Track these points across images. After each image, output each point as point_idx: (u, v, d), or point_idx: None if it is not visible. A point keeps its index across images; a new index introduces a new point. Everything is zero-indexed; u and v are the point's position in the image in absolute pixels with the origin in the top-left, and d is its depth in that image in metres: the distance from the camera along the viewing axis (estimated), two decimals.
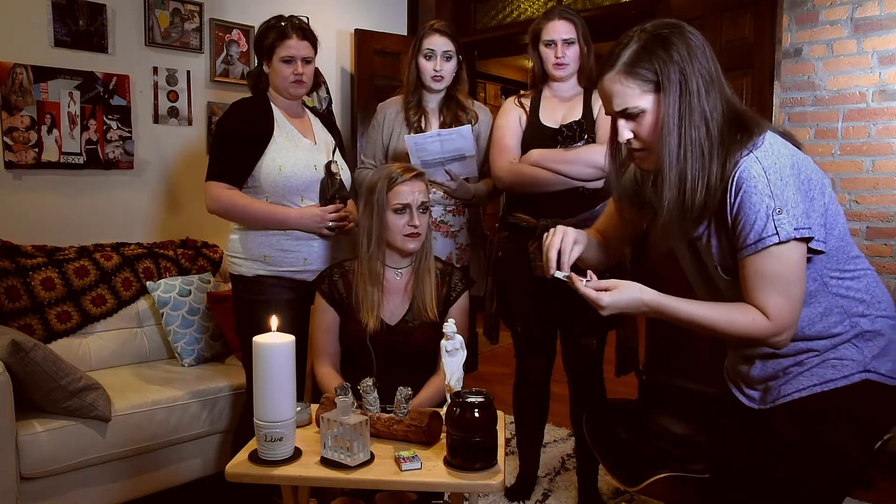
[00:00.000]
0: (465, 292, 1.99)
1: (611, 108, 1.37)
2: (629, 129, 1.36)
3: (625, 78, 1.32)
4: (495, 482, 1.36)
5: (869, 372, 1.34)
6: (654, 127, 1.33)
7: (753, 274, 1.28)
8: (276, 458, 1.40)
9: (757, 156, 1.27)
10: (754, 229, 1.26)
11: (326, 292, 1.96)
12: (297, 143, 2.20)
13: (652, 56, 1.30)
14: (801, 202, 1.26)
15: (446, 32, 2.38)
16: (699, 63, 1.30)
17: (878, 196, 2.94)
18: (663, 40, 1.30)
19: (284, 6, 3.20)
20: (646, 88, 1.32)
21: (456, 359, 1.55)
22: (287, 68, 2.16)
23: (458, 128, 2.31)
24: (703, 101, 1.30)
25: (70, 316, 2.64)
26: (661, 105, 1.31)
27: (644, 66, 1.31)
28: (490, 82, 7.54)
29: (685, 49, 1.30)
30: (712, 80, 1.31)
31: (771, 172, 1.25)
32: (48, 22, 2.87)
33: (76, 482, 2.22)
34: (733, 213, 1.29)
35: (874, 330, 1.36)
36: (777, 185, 1.25)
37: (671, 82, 1.29)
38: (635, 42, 1.33)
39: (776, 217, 1.24)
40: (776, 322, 1.28)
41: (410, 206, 1.87)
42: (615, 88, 1.34)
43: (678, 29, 1.32)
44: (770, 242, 1.25)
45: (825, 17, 3.02)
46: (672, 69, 1.29)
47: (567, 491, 2.64)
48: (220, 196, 2.13)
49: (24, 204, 2.84)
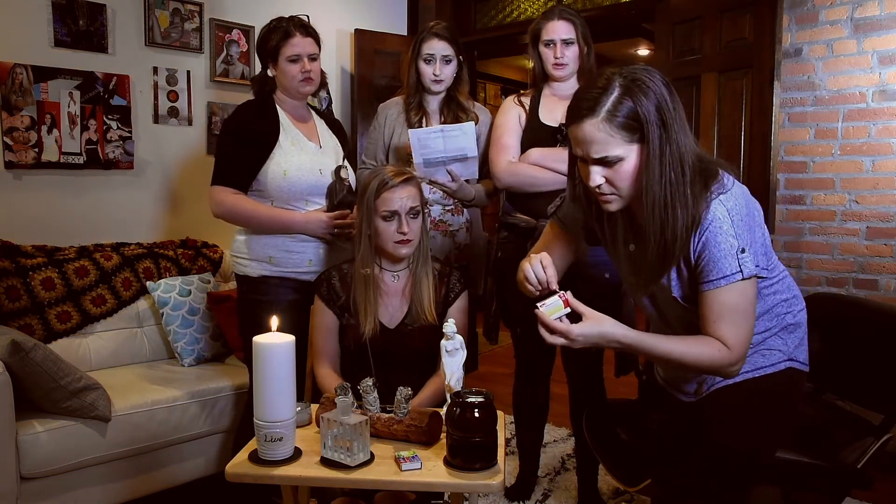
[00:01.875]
0: (463, 292, 1.99)
1: (587, 153, 1.35)
2: (602, 175, 1.35)
3: (608, 126, 1.30)
4: (495, 482, 1.36)
5: (792, 360, 1.52)
6: (632, 174, 1.33)
7: (717, 306, 1.36)
8: (276, 458, 1.40)
9: (721, 199, 1.33)
10: (718, 267, 1.33)
11: (325, 295, 1.95)
12: (303, 147, 2.20)
13: (636, 104, 1.29)
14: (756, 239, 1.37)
15: (445, 36, 2.38)
16: (674, 106, 1.31)
17: (878, 196, 2.94)
18: (643, 85, 1.29)
19: (284, 6, 3.19)
20: (629, 137, 1.31)
21: (456, 359, 1.55)
22: (294, 67, 2.16)
23: (461, 124, 2.31)
24: (682, 146, 1.31)
25: (70, 316, 2.64)
26: (641, 153, 1.31)
27: (628, 115, 1.29)
28: (490, 82, 7.54)
29: (660, 93, 1.30)
30: (683, 122, 1.33)
31: (734, 214, 1.33)
32: (48, 22, 2.87)
33: (76, 482, 2.22)
34: (696, 251, 1.35)
35: (795, 322, 1.53)
36: (740, 227, 1.33)
37: (654, 130, 1.29)
38: (616, 88, 1.30)
39: (740, 256, 1.33)
40: (735, 351, 1.38)
41: (399, 212, 1.84)
42: (597, 136, 1.31)
43: (651, 73, 1.32)
44: (735, 279, 1.34)
45: (825, 17, 3.03)
46: (654, 116, 1.29)
47: (567, 491, 2.64)
48: (226, 201, 2.13)
49: (24, 204, 2.84)
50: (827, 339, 1.89)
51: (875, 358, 1.86)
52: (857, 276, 3.00)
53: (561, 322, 1.38)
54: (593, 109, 1.30)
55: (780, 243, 3.18)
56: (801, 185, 3.14)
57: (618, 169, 1.33)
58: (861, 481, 1.73)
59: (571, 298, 1.39)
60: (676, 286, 1.43)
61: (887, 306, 2.03)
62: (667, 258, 1.37)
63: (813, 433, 1.84)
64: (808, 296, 1.77)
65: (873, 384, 1.88)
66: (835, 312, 2.00)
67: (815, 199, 3.10)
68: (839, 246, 3.05)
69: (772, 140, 2.99)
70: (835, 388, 2.02)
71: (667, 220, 1.32)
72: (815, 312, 1.65)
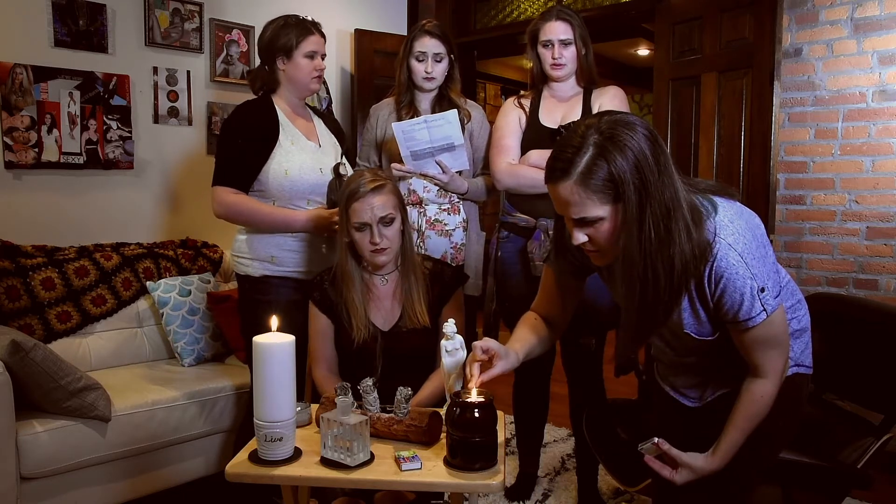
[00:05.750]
0: (457, 289, 1.98)
1: (566, 213, 1.32)
2: (584, 235, 1.32)
3: (582, 189, 1.25)
4: (495, 482, 1.36)
5: (799, 366, 1.53)
6: (612, 233, 1.29)
7: (748, 343, 1.38)
8: (276, 458, 1.40)
9: (728, 241, 1.31)
10: (742, 310, 1.33)
11: (318, 300, 1.95)
12: (303, 146, 2.21)
13: (610, 164, 1.22)
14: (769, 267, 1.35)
15: (437, 34, 2.37)
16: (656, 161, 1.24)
17: (878, 196, 2.94)
18: (617, 142, 1.23)
19: (285, 6, 3.19)
20: (604, 199, 1.25)
21: (456, 359, 1.55)
22: (310, 63, 2.18)
23: (443, 112, 2.30)
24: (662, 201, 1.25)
25: (70, 316, 2.64)
26: (618, 213, 1.27)
27: (602, 177, 1.23)
28: (490, 82, 7.53)
29: (640, 150, 1.23)
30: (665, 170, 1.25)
31: (746, 255, 1.31)
32: (48, 22, 2.87)
33: (76, 482, 2.22)
34: (715, 299, 1.35)
35: (801, 328, 1.54)
36: (754, 266, 1.31)
37: (630, 189, 1.23)
38: (591, 148, 1.24)
39: (761, 296, 1.32)
40: (776, 374, 1.41)
41: (369, 223, 1.83)
42: (573, 198, 1.27)
43: (631, 127, 1.25)
44: (761, 320, 1.34)
45: (825, 17, 3.02)
46: (631, 176, 1.22)
47: (567, 491, 2.64)
48: (227, 201, 2.13)
49: (24, 204, 2.84)
50: (827, 339, 1.89)
51: (875, 358, 1.87)
52: (857, 276, 3.00)
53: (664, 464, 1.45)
54: (567, 171, 1.25)
55: (780, 243, 3.18)
56: (801, 185, 3.14)
57: (598, 228, 1.29)
58: (861, 481, 1.73)
59: (664, 445, 1.44)
60: (691, 324, 1.42)
61: (887, 306, 2.03)
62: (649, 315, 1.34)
63: (813, 433, 1.84)
64: (809, 296, 1.77)
65: (873, 384, 1.88)
66: (835, 312, 2.00)
67: (815, 199, 3.10)
68: (839, 246, 3.05)
69: (772, 140, 2.99)
70: (835, 388, 2.02)
71: (647, 280, 1.29)
72: (816, 312, 1.65)
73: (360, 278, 1.92)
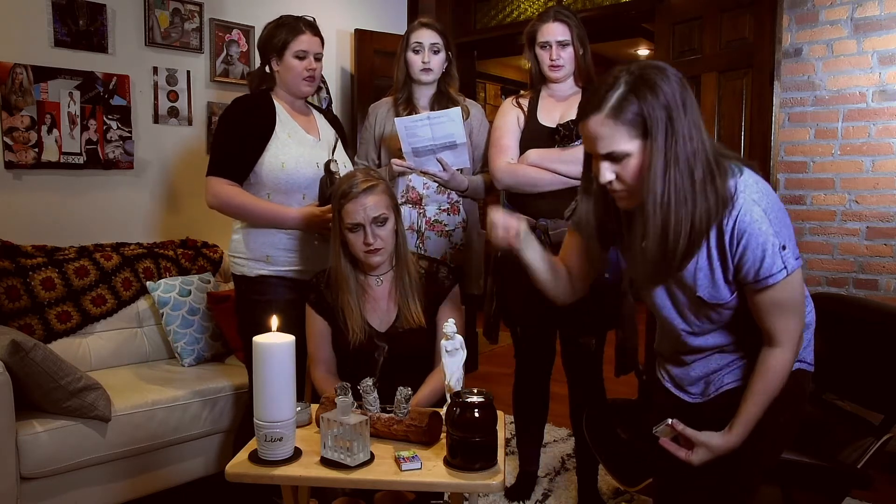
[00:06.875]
0: (454, 288, 1.98)
1: (594, 149, 1.36)
2: (612, 171, 1.36)
3: (612, 122, 1.31)
4: (495, 482, 1.36)
5: (801, 362, 1.52)
6: (639, 171, 1.33)
7: (766, 304, 1.39)
8: (276, 458, 1.40)
9: (753, 197, 1.34)
10: (763, 267, 1.35)
11: (314, 302, 1.95)
12: (301, 139, 2.20)
13: (640, 100, 1.29)
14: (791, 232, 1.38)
15: (433, 26, 2.39)
16: (684, 105, 1.30)
17: (878, 196, 2.94)
18: (650, 83, 1.29)
19: (285, 6, 3.19)
20: (633, 133, 1.31)
21: (456, 359, 1.55)
22: (300, 64, 2.16)
23: (447, 110, 2.30)
24: (688, 144, 1.30)
25: (70, 316, 2.64)
26: (646, 150, 1.31)
27: (632, 111, 1.29)
28: (490, 82, 7.53)
29: (671, 92, 1.29)
30: (694, 121, 1.31)
31: (769, 212, 1.35)
32: (48, 22, 2.86)
33: (76, 482, 2.22)
34: (738, 255, 1.36)
35: (807, 323, 1.53)
36: (776, 223, 1.35)
37: (659, 127, 1.29)
38: (622, 85, 1.31)
39: (782, 253, 1.34)
40: (789, 343, 1.41)
41: (363, 224, 1.82)
42: (602, 131, 1.32)
43: (662, 71, 1.31)
44: (781, 277, 1.35)
45: (825, 17, 3.02)
46: (660, 114, 1.28)
47: (567, 491, 2.64)
48: (221, 192, 2.12)
49: (24, 204, 2.84)
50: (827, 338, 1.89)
51: (875, 358, 1.87)
52: (857, 276, 3.00)
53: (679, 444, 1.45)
54: (598, 106, 1.32)
55: None
56: (801, 185, 3.14)
57: (625, 165, 1.34)
58: (861, 481, 1.73)
59: (679, 425, 1.45)
60: (704, 286, 1.42)
61: (887, 306, 2.03)
62: (666, 259, 1.36)
63: (813, 433, 1.84)
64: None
65: (873, 384, 1.88)
66: (835, 312, 2.00)
67: (815, 199, 3.10)
68: (839, 246, 3.05)
69: (772, 140, 2.99)
70: (835, 388, 2.02)
71: (668, 221, 1.32)
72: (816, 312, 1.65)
73: (355, 280, 1.91)
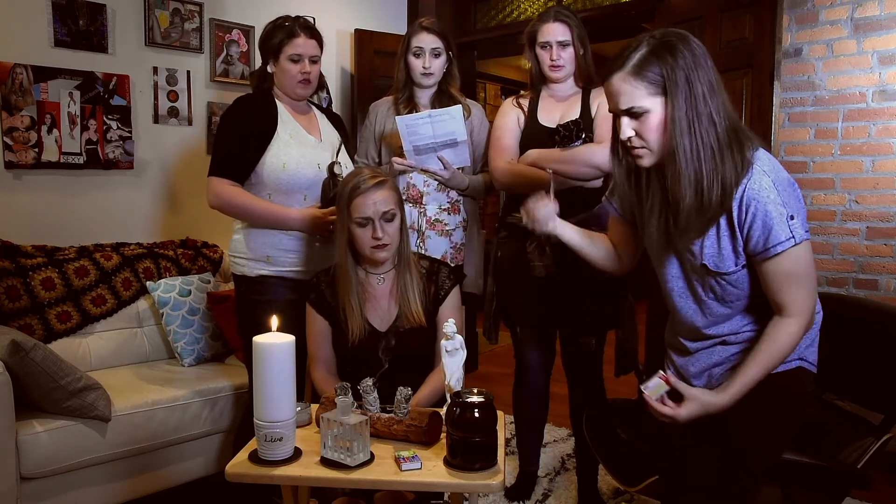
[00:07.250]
0: (454, 288, 1.98)
1: (616, 106, 1.44)
2: (631, 128, 1.43)
3: (633, 78, 1.39)
4: (495, 482, 1.36)
5: (803, 360, 1.54)
6: (658, 127, 1.40)
7: (776, 275, 1.41)
8: (276, 458, 1.40)
9: (764, 169, 1.39)
10: (772, 235, 1.38)
11: (315, 302, 1.95)
12: (302, 140, 2.20)
13: (660, 60, 1.37)
14: (801, 206, 1.41)
15: (434, 30, 2.38)
16: (703, 71, 1.38)
17: (878, 196, 2.94)
18: (671, 47, 1.38)
19: (285, 6, 3.19)
20: (652, 91, 1.39)
21: (456, 359, 1.55)
22: (294, 67, 2.16)
23: (448, 108, 2.30)
24: (709, 104, 1.37)
25: (70, 316, 2.64)
26: (666, 107, 1.39)
27: (652, 69, 1.38)
28: (490, 82, 7.53)
29: (691, 57, 1.37)
30: (713, 88, 1.39)
31: (778, 183, 1.39)
32: (48, 22, 2.87)
33: (76, 482, 2.22)
34: (746, 225, 1.40)
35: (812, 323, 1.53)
36: (785, 195, 1.39)
37: (678, 86, 1.36)
38: (644, 46, 1.40)
39: (791, 223, 1.37)
40: (802, 316, 1.42)
41: (372, 218, 1.82)
42: (623, 87, 1.40)
43: (684, 38, 1.40)
44: (789, 245, 1.38)
45: (825, 17, 3.02)
46: (678, 74, 1.36)
47: (567, 491, 2.64)
48: (222, 192, 2.12)
49: (24, 204, 2.84)
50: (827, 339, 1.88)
51: (875, 358, 1.86)
52: (857, 276, 3.00)
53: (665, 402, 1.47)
54: (622, 65, 1.40)
55: None
56: (801, 185, 3.07)
57: (644, 121, 1.40)
58: (861, 481, 1.73)
59: (672, 378, 1.48)
60: (711, 254, 1.46)
61: (887, 306, 2.03)
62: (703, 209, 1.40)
63: (813, 433, 1.84)
64: None
65: (873, 384, 1.88)
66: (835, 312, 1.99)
67: (815, 199, 3.10)
68: (839, 246, 3.05)
69: (772, 140, 2.99)
70: (835, 388, 2.02)
71: (701, 172, 1.37)
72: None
73: (357, 278, 1.91)
